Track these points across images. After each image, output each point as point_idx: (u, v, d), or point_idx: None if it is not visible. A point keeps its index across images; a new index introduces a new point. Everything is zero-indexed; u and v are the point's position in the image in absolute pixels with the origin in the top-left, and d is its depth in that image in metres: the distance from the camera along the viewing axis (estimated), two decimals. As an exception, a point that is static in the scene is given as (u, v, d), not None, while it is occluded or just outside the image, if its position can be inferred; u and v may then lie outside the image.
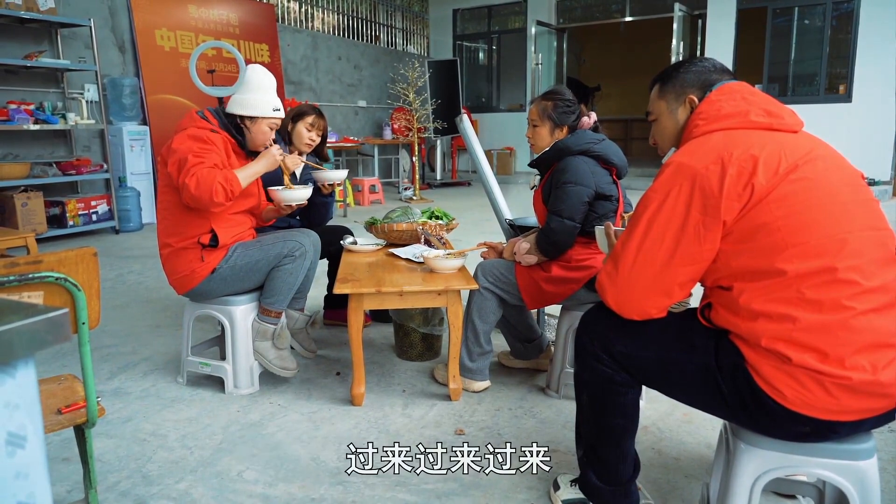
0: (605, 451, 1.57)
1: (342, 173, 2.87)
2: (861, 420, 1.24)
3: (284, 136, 2.96)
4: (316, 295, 3.31)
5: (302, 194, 2.52)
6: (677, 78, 1.55)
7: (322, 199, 3.01)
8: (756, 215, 1.26)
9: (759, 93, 1.45)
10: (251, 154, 2.52)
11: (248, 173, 2.36)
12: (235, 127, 2.45)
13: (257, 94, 2.43)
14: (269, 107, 2.43)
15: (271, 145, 2.47)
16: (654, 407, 2.30)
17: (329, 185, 2.89)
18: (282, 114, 2.49)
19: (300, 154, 2.96)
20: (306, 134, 2.94)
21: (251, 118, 2.43)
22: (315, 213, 3.02)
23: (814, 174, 1.28)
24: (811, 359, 1.20)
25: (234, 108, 2.43)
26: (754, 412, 1.30)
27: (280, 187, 2.53)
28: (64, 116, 5.70)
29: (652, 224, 1.36)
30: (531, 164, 2.46)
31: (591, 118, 2.41)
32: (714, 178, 1.29)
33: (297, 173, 2.95)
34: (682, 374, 1.40)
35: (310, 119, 2.94)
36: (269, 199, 2.61)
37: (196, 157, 2.23)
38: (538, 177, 2.50)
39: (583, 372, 1.57)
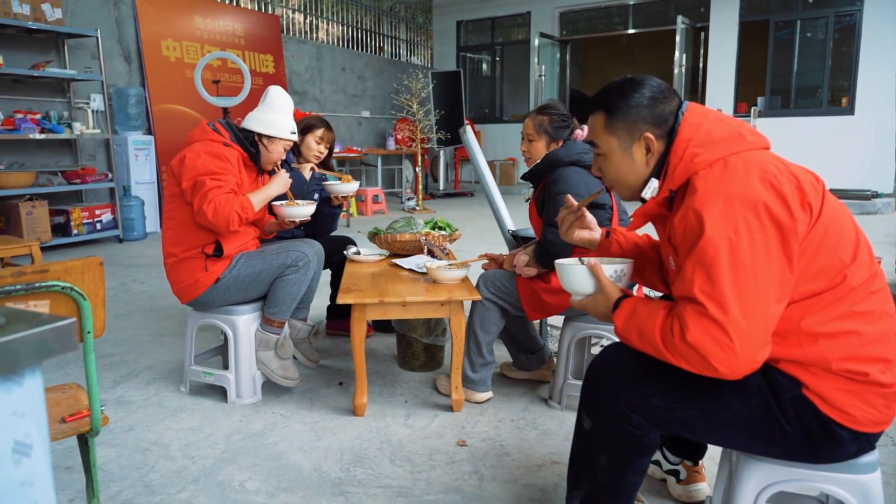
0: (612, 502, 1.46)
1: (354, 185, 2.90)
2: None
3: (293, 148, 2.99)
4: (319, 305, 3.31)
5: (306, 210, 2.54)
6: (628, 111, 1.35)
7: (330, 210, 3.06)
8: (812, 237, 1.19)
9: (719, 112, 1.38)
10: (261, 169, 2.56)
11: (262, 197, 2.44)
12: (251, 142, 2.48)
13: (278, 115, 2.48)
14: (288, 129, 2.50)
15: (279, 169, 2.54)
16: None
17: (342, 196, 2.93)
18: (296, 137, 2.57)
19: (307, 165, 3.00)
20: (315, 146, 2.99)
21: (269, 137, 2.48)
22: (322, 223, 3.05)
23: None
24: (877, 371, 1.19)
25: (252, 124, 2.47)
26: (820, 442, 1.23)
27: (283, 202, 2.54)
28: (70, 126, 5.75)
29: (738, 269, 1.15)
30: (524, 177, 2.48)
31: (583, 131, 2.42)
32: (778, 202, 1.17)
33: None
34: (733, 419, 1.27)
35: (319, 132, 2.99)
36: (272, 214, 2.63)
37: (214, 181, 2.27)
38: (532, 189, 2.52)
39: (603, 432, 1.38)
